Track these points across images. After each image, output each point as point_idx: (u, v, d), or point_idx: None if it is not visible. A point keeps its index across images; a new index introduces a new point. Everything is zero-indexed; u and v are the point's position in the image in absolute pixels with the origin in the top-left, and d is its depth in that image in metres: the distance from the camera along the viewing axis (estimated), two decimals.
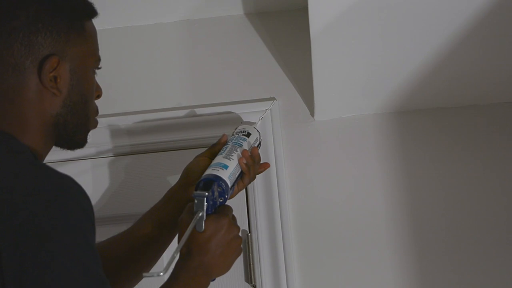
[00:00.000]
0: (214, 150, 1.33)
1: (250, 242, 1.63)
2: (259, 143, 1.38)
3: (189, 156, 1.72)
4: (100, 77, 1.21)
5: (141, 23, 1.87)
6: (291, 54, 1.80)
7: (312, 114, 1.74)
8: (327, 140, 1.73)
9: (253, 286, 1.61)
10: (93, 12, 1.18)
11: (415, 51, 1.50)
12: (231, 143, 1.31)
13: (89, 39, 1.16)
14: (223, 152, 1.28)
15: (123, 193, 1.70)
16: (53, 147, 1.15)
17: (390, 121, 1.73)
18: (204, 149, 1.37)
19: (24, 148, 1.05)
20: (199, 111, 1.74)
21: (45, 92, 1.09)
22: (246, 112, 1.72)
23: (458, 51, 1.50)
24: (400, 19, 1.39)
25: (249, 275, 1.61)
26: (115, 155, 1.74)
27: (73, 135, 1.15)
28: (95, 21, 1.19)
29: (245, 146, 1.31)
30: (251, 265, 1.61)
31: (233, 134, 1.35)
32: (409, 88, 1.64)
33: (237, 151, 1.29)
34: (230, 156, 1.27)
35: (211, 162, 1.29)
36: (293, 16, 1.83)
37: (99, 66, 1.20)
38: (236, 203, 1.66)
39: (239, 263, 1.63)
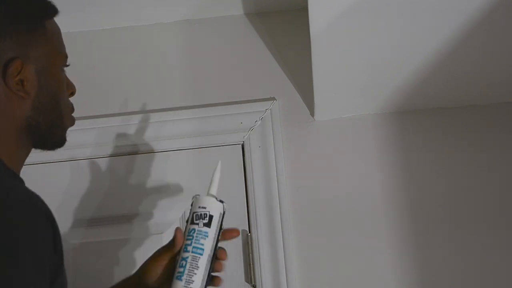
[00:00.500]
0: (172, 252, 1.14)
1: (250, 242, 1.63)
2: (223, 216, 1.16)
3: (188, 157, 1.73)
4: (101, 77, 1.21)
5: (141, 23, 1.87)
6: (291, 54, 1.80)
7: (312, 114, 1.74)
8: (327, 140, 1.73)
9: (253, 286, 1.61)
10: (53, 11, 1.17)
11: (415, 51, 1.50)
12: (191, 249, 1.11)
13: (52, 38, 1.15)
14: (183, 273, 1.09)
15: (122, 193, 1.70)
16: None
17: (390, 121, 1.73)
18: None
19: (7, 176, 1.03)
20: (199, 111, 1.74)
21: (13, 96, 1.07)
22: (246, 112, 1.72)
23: (458, 51, 1.50)
24: (400, 19, 1.39)
25: (249, 275, 1.61)
26: (114, 155, 1.74)
27: (49, 135, 1.13)
28: (97, 22, 1.19)
29: (208, 249, 1.11)
30: (251, 265, 1.61)
31: (190, 221, 1.14)
32: (409, 88, 1.64)
33: (198, 267, 1.09)
34: (190, 280, 1.08)
35: (170, 267, 1.13)
36: (293, 16, 1.83)
37: (67, 64, 1.18)
38: (236, 203, 1.67)
39: (239, 263, 1.63)
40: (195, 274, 1.09)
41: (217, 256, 1.14)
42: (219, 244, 1.15)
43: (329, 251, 1.63)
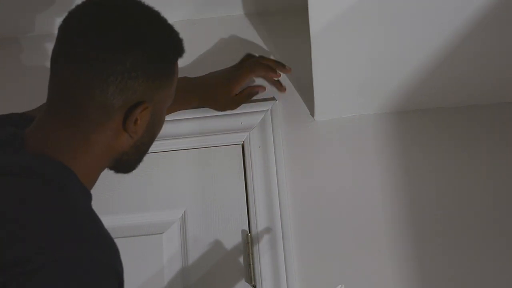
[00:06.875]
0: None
1: (250, 242, 1.63)
2: None
3: (188, 157, 1.73)
4: None
5: None
6: (291, 54, 1.80)
7: (312, 114, 1.74)
8: (327, 140, 1.73)
9: (253, 286, 1.61)
10: (183, 51, 1.16)
11: (415, 51, 1.50)
12: None
13: (175, 81, 1.14)
14: None
15: (121, 192, 1.70)
16: None
17: (390, 121, 1.73)
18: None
19: (81, 193, 1.03)
20: (199, 111, 1.74)
21: (122, 133, 1.06)
22: (246, 112, 1.72)
23: (458, 51, 1.49)
24: (400, 19, 1.39)
25: (249, 275, 1.61)
26: None
27: (129, 167, 1.15)
28: None
29: None
30: (251, 265, 1.61)
31: None
32: (409, 88, 1.64)
33: None
34: None
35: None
36: (293, 16, 1.83)
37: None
38: (236, 203, 1.67)
39: (239, 263, 1.63)
40: None
41: None
42: None
43: (329, 250, 1.63)
